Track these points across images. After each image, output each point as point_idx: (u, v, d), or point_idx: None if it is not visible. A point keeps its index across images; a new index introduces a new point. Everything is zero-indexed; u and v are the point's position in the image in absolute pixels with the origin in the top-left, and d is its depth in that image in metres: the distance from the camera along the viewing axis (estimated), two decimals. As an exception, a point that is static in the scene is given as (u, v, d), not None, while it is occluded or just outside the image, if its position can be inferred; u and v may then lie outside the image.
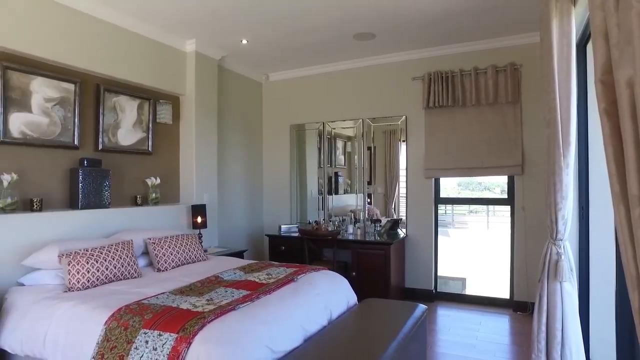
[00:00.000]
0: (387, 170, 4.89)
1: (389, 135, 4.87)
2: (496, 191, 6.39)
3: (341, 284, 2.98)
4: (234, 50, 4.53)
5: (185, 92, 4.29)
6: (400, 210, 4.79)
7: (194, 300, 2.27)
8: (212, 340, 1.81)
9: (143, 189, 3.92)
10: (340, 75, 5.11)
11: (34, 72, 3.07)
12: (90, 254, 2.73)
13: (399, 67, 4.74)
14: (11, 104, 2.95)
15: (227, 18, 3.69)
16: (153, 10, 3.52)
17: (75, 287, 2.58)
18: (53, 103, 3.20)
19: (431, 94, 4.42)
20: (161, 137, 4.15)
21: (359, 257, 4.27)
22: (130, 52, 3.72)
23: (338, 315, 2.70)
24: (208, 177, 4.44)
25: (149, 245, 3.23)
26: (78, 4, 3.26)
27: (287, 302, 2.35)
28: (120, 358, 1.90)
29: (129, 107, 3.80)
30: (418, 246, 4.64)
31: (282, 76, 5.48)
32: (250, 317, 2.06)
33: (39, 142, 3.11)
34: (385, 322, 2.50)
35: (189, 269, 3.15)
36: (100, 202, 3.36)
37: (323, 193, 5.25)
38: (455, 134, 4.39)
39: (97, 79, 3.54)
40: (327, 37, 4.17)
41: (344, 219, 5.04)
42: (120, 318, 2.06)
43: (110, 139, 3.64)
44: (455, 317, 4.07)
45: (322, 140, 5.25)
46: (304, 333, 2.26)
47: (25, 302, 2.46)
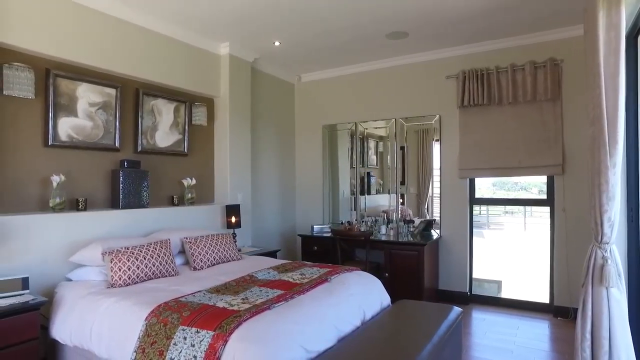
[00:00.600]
0: (420, 170, 4.82)
1: (422, 134, 4.80)
2: (533, 191, 6.18)
3: (374, 284, 2.96)
4: (267, 52, 4.59)
5: (219, 94, 4.39)
6: (434, 210, 4.71)
7: (230, 299, 2.32)
8: (248, 339, 1.84)
9: (179, 189, 4.04)
10: (373, 75, 5.08)
11: (80, 78, 3.22)
12: (130, 252, 2.84)
13: (432, 65, 4.66)
14: (60, 110, 3.11)
15: (260, 21, 3.74)
16: (189, 15, 3.61)
17: (117, 283, 2.68)
18: (96, 107, 3.35)
19: (466, 92, 4.32)
20: (196, 139, 4.25)
21: (392, 257, 4.23)
22: (167, 56, 3.84)
23: (371, 316, 2.69)
24: (242, 177, 4.52)
25: (186, 245, 3.32)
26: (119, 12, 3.39)
27: (321, 302, 2.35)
28: (160, 353, 1.96)
29: (165, 110, 3.92)
30: (452, 247, 4.54)
31: (314, 77, 5.50)
32: (284, 317, 2.08)
33: (84, 144, 3.26)
34: (419, 324, 2.46)
35: (223, 268, 3.22)
36: (140, 202, 3.48)
37: (355, 193, 5.24)
38: (491, 133, 4.27)
39: (137, 84, 3.68)
40: (360, 36, 4.15)
41: (376, 220, 5.01)
42: (160, 314, 2.13)
43: (149, 140, 3.77)
44: (491, 320, 3.96)
45: (354, 140, 5.23)
46: (337, 333, 2.27)
47: (72, 296, 2.59)
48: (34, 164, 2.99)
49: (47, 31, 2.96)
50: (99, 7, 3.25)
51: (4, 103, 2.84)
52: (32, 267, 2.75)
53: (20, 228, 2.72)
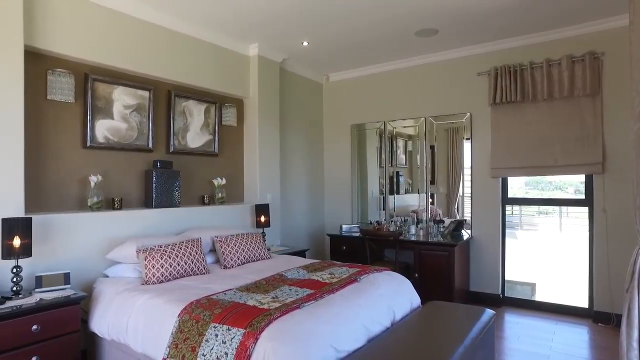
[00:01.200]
0: (450, 169, 4.73)
1: (452, 133, 4.71)
2: (569, 191, 5.95)
3: (404, 285, 2.92)
4: (295, 52, 4.61)
5: (248, 95, 4.44)
6: (464, 210, 4.61)
7: (260, 297, 2.34)
8: (278, 337, 1.85)
9: (210, 188, 4.11)
10: (401, 73, 5.02)
11: (116, 82, 3.33)
12: (163, 250, 2.91)
13: (462, 62, 4.56)
14: (97, 112, 3.22)
15: (288, 21, 3.76)
16: (219, 18, 3.67)
17: (151, 280, 2.76)
18: (131, 109, 3.45)
19: (498, 89, 4.21)
20: (226, 139, 4.32)
21: (422, 258, 4.17)
22: (198, 58, 3.92)
23: (401, 317, 2.66)
24: (271, 177, 4.56)
25: (216, 243, 3.38)
26: (152, 17, 3.48)
27: (351, 302, 2.35)
28: (192, 349, 2.00)
29: (196, 111, 4.00)
30: (484, 248, 4.44)
31: (343, 76, 5.49)
32: (314, 316, 2.08)
33: (119, 145, 3.37)
34: (450, 326, 2.41)
35: (253, 267, 3.26)
36: (172, 201, 3.57)
37: (384, 193, 5.19)
38: (525, 131, 4.14)
39: (168, 86, 3.77)
40: (388, 35, 4.11)
41: (405, 219, 4.95)
42: (192, 311, 2.18)
43: (180, 141, 3.86)
44: (525, 324, 3.83)
45: (382, 139, 5.19)
46: (367, 333, 2.25)
47: (110, 292, 2.68)
48: (74, 165, 3.11)
49: (86, 38, 3.08)
50: (132, 12, 3.35)
51: (48, 107, 2.98)
52: (72, 263, 2.87)
53: (62, 226, 2.84)
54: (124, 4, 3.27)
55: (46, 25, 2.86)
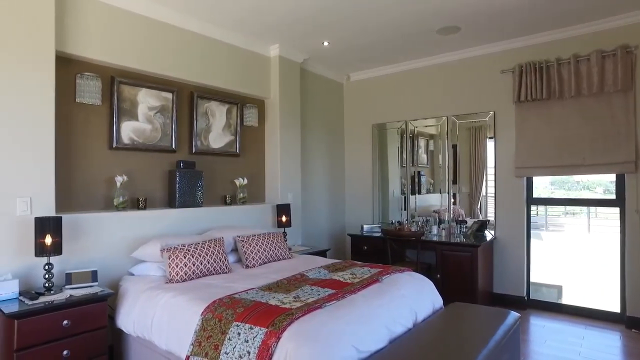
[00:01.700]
0: (472, 169, 4.65)
1: (475, 132, 4.63)
2: (598, 191, 5.76)
3: (426, 286, 2.89)
4: (316, 52, 4.62)
5: (269, 96, 4.47)
6: (488, 211, 4.52)
7: (282, 297, 2.35)
8: (300, 337, 1.86)
9: (232, 188, 4.16)
10: (423, 72, 4.97)
11: (140, 84, 3.41)
12: (187, 250, 2.96)
13: (485, 60, 4.48)
14: (123, 114, 3.30)
15: (309, 22, 3.76)
16: (240, 20, 3.71)
17: (175, 279, 2.81)
18: (155, 111, 3.52)
19: (522, 86, 4.11)
20: (248, 140, 4.37)
21: (444, 259, 4.11)
22: (220, 60, 3.97)
23: (423, 318, 2.63)
24: (292, 177, 4.58)
25: (238, 243, 3.41)
26: (175, 20, 3.55)
27: (373, 303, 2.33)
28: (215, 347, 2.03)
29: (218, 112, 4.05)
30: (508, 249, 4.34)
31: (363, 76, 5.47)
32: (336, 316, 2.08)
33: (143, 146, 3.44)
34: (474, 328, 2.37)
35: (275, 267, 3.27)
36: (194, 201, 3.63)
37: (406, 193, 5.15)
38: (551, 129, 4.04)
39: (191, 87, 3.83)
40: (410, 34, 4.07)
41: (427, 220, 4.90)
42: (215, 310, 2.20)
43: (203, 142, 3.91)
44: (552, 328, 3.74)
45: (404, 139, 5.14)
46: (389, 334, 2.24)
47: (135, 290, 2.74)
48: (100, 166, 3.20)
49: (112, 42, 3.16)
50: (156, 15, 3.42)
51: (77, 110, 3.07)
52: (99, 261, 2.95)
53: (89, 225, 2.92)
54: (148, 8, 3.34)
55: (75, 31, 2.95)
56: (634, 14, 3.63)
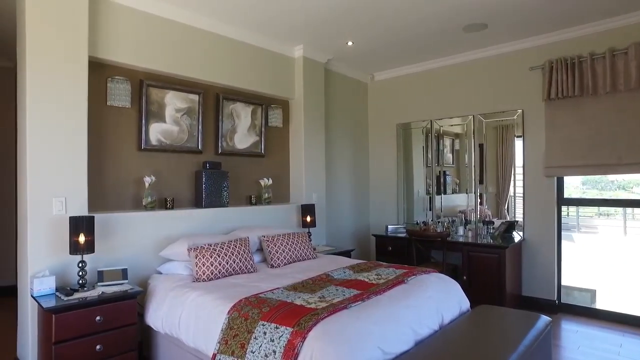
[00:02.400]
0: (500, 168, 4.54)
1: (502, 131, 4.52)
2: (635, 191, 5.53)
3: (453, 287, 2.85)
4: (340, 52, 4.62)
5: (294, 96, 4.50)
6: (516, 211, 4.41)
7: (307, 296, 2.36)
8: (325, 337, 1.86)
9: (257, 189, 4.20)
10: (448, 70, 4.89)
11: (168, 87, 3.48)
12: (213, 249, 3.00)
13: (514, 57, 4.37)
14: (151, 116, 3.39)
15: (334, 22, 3.76)
16: (264, 21, 3.74)
17: (201, 278, 2.85)
18: (182, 113, 3.60)
19: (553, 83, 3.99)
20: (272, 140, 4.40)
21: (471, 260, 4.04)
22: (244, 62, 4.01)
23: (450, 320, 2.59)
24: (316, 177, 4.59)
25: (263, 243, 3.44)
26: (201, 23, 3.61)
27: (398, 304, 2.31)
28: (241, 346, 2.05)
29: (244, 113, 4.10)
30: (537, 251, 4.23)
31: (388, 75, 5.43)
32: (362, 317, 2.07)
33: (171, 148, 3.51)
34: (503, 331, 2.32)
35: (300, 266, 3.29)
36: (220, 201, 3.68)
37: (431, 193, 5.08)
38: (583, 127, 3.90)
39: (217, 89, 3.89)
40: (435, 32, 4.02)
41: (453, 220, 4.82)
42: (241, 309, 2.23)
43: (228, 143, 3.97)
44: (585, 334, 3.60)
45: (429, 138, 5.08)
46: (414, 336, 2.21)
47: (163, 288, 2.80)
48: (130, 167, 3.29)
49: (141, 46, 3.24)
50: (183, 19, 3.49)
51: (108, 112, 3.17)
52: (129, 259, 3.03)
53: (119, 224, 3.00)
54: (175, 12, 3.41)
55: (106, 36, 3.05)
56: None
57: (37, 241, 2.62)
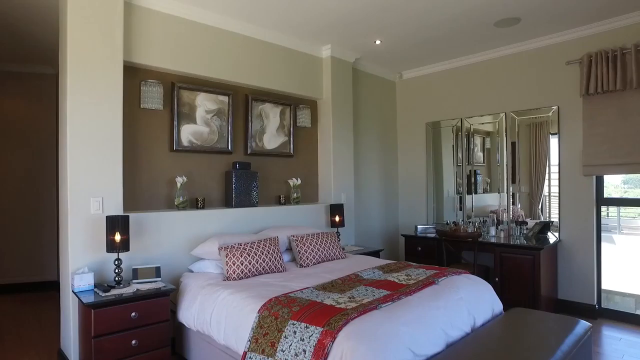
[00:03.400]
0: (533, 167, 4.40)
1: (536, 128, 4.37)
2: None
3: (485, 289, 2.78)
4: (368, 51, 4.59)
5: (322, 96, 4.50)
6: (551, 211, 4.26)
7: (337, 296, 2.35)
8: (356, 337, 1.85)
9: (285, 188, 4.23)
10: (479, 67, 4.78)
11: (198, 88, 3.55)
12: (243, 248, 3.04)
13: (548, 51, 4.22)
14: (182, 118, 3.47)
15: (361, 21, 3.74)
16: (292, 22, 3.76)
17: (232, 277, 2.90)
18: (212, 114, 3.66)
19: (592, 78, 3.82)
20: (301, 140, 4.42)
21: (503, 261, 3.93)
22: (273, 62, 4.05)
23: (482, 323, 2.54)
24: (345, 177, 4.59)
25: (293, 242, 3.46)
26: (230, 25, 3.66)
27: (429, 305, 2.28)
28: (271, 344, 2.07)
29: (272, 114, 4.14)
30: (574, 253, 4.07)
31: (416, 73, 5.36)
32: (392, 317, 2.05)
33: (201, 148, 3.58)
34: (538, 336, 2.24)
35: (329, 266, 3.29)
36: (250, 201, 3.72)
37: (462, 192, 4.98)
38: (626, 123, 3.71)
39: (246, 90, 3.94)
40: (465, 28, 3.93)
41: (484, 220, 4.70)
42: (271, 308, 2.25)
43: (257, 143, 4.01)
44: (630, 341, 3.42)
45: (459, 137, 4.98)
46: (445, 338, 2.18)
47: (195, 286, 2.86)
48: (162, 167, 3.37)
49: (172, 49, 3.33)
50: (212, 22, 3.55)
51: (141, 115, 3.26)
52: (161, 257, 3.11)
53: (153, 224, 3.09)
54: (206, 16, 3.48)
55: (140, 41, 3.14)
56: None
57: (77, 239, 2.72)
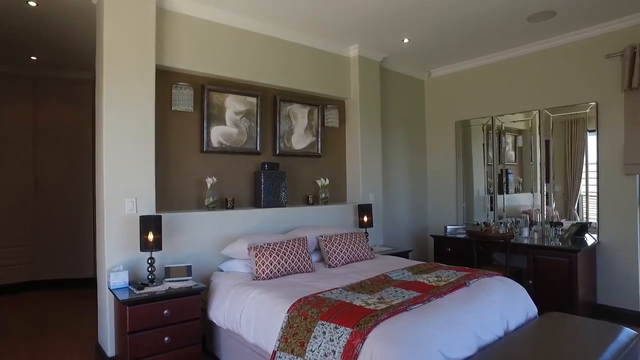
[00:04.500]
0: (568, 165, 4.24)
1: (572, 125, 4.21)
2: None
3: (518, 292, 2.70)
4: (395, 50, 4.54)
5: (349, 96, 4.48)
6: (589, 212, 4.09)
7: (366, 297, 2.34)
8: (386, 339, 1.83)
9: (314, 189, 4.24)
10: (511, 63, 4.65)
11: (227, 90, 3.61)
12: (272, 248, 3.07)
13: (586, 45, 4.06)
14: (212, 119, 3.53)
15: (389, 19, 3.70)
16: (320, 22, 3.76)
17: (261, 276, 2.92)
18: (241, 115, 3.71)
19: (635, 71, 3.62)
20: (329, 140, 4.42)
21: (537, 264, 3.81)
22: (300, 63, 4.06)
23: (516, 327, 2.46)
24: (373, 177, 4.56)
25: (321, 242, 3.46)
26: (257, 27, 3.70)
27: (460, 307, 2.23)
28: (301, 344, 2.08)
29: (300, 114, 4.15)
30: (616, 256, 3.89)
31: (445, 71, 5.27)
32: (422, 319, 2.02)
33: (231, 149, 3.64)
34: (577, 342, 2.16)
35: (357, 267, 3.27)
36: (278, 201, 3.75)
37: (492, 192, 4.86)
38: (670, 119, 3.53)
39: (274, 91, 3.97)
40: (496, 24, 3.83)
41: (517, 221, 4.57)
42: (300, 308, 2.25)
43: (285, 144, 4.04)
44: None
45: (489, 135, 4.86)
46: (477, 342, 2.12)
47: (225, 285, 2.90)
48: (193, 168, 3.44)
49: (202, 53, 3.39)
50: (241, 25, 3.60)
51: (172, 117, 3.34)
52: (192, 256, 3.17)
53: (184, 223, 3.15)
54: (235, 19, 3.53)
55: (171, 45, 3.21)
56: None
57: (112, 238, 2.82)
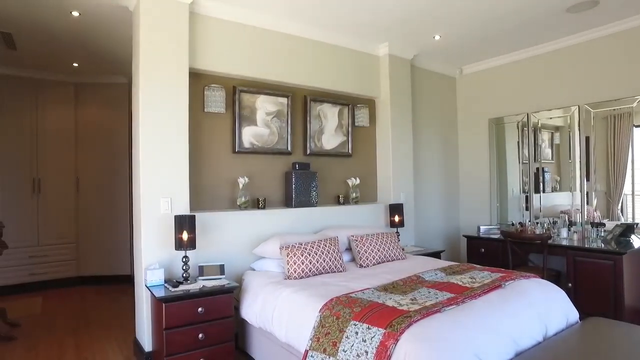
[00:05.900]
0: (611, 163, 4.05)
1: (615, 121, 4.02)
2: None
3: (558, 295, 2.61)
4: (426, 47, 4.47)
5: (380, 95, 4.45)
6: (635, 212, 3.89)
7: (398, 298, 2.31)
8: (419, 340, 1.81)
9: (344, 188, 4.23)
10: (547, 57, 4.48)
11: (258, 91, 3.66)
12: (304, 248, 3.08)
13: (632, 35, 3.85)
14: (244, 120, 3.58)
15: (420, 16, 3.65)
16: (349, 22, 3.75)
17: (293, 275, 2.94)
18: (272, 116, 3.75)
19: (682, 65, 3.45)
20: (359, 140, 4.40)
21: (577, 266, 3.65)
22: (330, 63, 4.06)
23: (555, 332, 2.38)
24: (404, 176, 4.51)
25: (352, 242, 3.45)
26: (288, 28, 3.72)
27: (495, 310, 2.17)
28: (333, 344, 2.08)
29: (330, 114, 4.15)
30: (663, 258, 3.69)
31: (478, 67, 5.14)
32: (456, 321, 1.98)
33: (262, 150, 3.68)
34: (624, 350, 2.06)
35: (389, 267, 3.24)
36: (309, 201, 3.77)
37: (528, 191, 4.70)
38: None
39: (304, 91, 3.99)
40: (533, 17, 3.70)
41: (554, 221, 4.40)
42: (332, 308, 2.26)
43: (316, 143, 4.05)
44: None
45: (524, 133, 4.70)
46: (515, 347, 2.06)
47: (257, 284, 2.94)
48: (225, 169, 3.50)
49: (233, 55, 3.45)
50: (271, 26, 3.63)
51: (205, 119, 3.41)
52: (225, 255, 3.23)
53: (216, 223, 3.21)
54: (265, 20, 3.56)
55: (203, 48, 3.28)
56: None
57: (149, 237, 2.91)
